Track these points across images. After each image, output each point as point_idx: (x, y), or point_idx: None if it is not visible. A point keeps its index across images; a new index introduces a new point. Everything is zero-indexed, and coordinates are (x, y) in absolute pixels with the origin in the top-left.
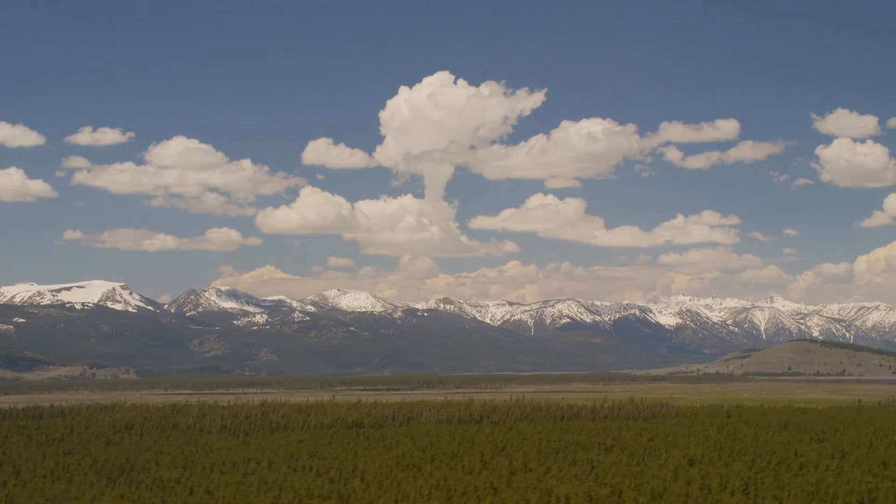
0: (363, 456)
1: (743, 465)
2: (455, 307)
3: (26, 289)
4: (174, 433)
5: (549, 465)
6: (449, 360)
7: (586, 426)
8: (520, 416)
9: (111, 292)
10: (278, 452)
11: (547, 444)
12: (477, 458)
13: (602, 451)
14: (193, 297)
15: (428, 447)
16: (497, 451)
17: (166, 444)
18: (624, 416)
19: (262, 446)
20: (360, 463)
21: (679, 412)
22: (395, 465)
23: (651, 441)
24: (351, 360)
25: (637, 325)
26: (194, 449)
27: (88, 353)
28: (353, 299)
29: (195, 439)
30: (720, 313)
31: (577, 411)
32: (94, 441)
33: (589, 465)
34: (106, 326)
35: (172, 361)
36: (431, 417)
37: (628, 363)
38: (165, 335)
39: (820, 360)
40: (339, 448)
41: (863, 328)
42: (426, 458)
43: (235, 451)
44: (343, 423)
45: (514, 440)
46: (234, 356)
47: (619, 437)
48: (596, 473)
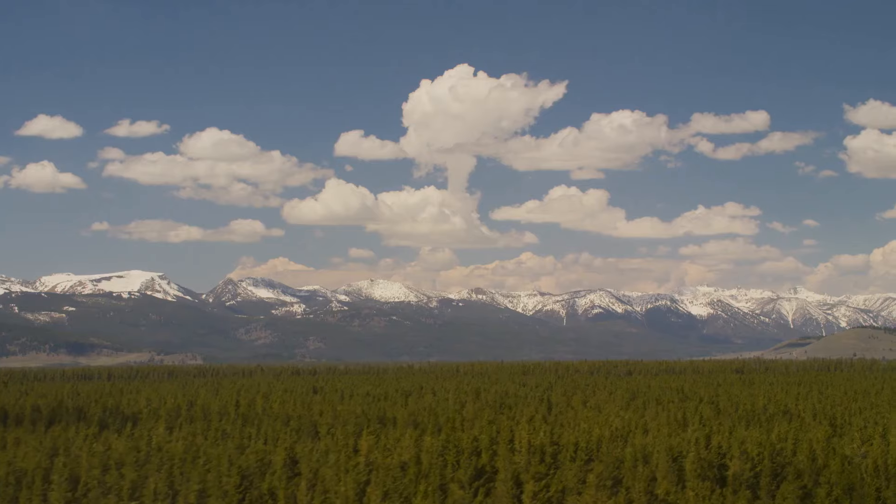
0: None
1: None
2: (487, 297)
3: (66, 279)
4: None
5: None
6: (491, 348)
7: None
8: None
9: (150, 282)
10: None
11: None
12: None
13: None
14: (231, 286)
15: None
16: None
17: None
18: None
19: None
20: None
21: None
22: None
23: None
24: (396, 349)
25: (668, 315)
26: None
27: (141, 340)
28: (385, 289)
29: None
30: (746, 304)
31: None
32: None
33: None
34: (154, 315)
35: (224, 349)
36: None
37: (664, 352)
38: (211, 324)
39: (885, 347)
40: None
41: (889, 318)
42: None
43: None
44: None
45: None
46: (282, 344)
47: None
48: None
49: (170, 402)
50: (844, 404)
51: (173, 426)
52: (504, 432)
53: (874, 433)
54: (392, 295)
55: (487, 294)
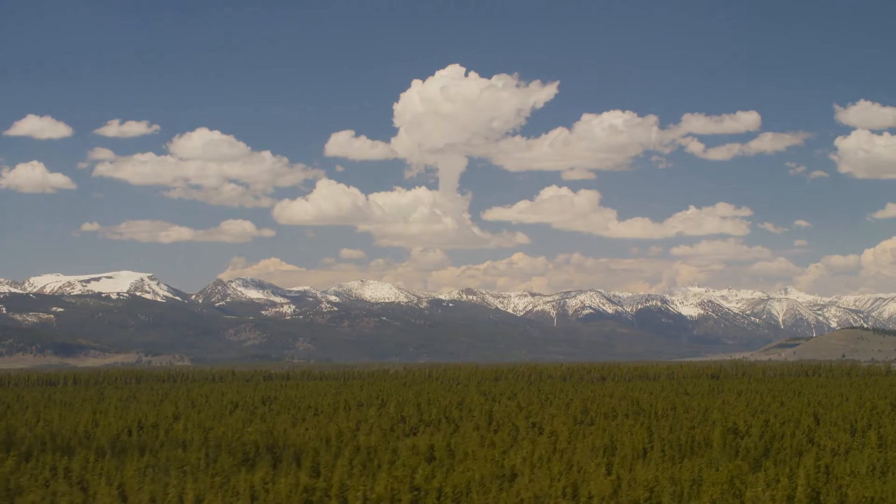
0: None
1: None
2: (478, 297)
3: (55, 279)
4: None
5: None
6: (481, 349)
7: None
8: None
9: (140, 283)
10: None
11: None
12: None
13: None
14: (221, 287)
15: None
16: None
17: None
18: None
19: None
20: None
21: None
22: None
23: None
24: (386, 350)
25: (658, 315)
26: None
27: (130, 341)
28: (375, 290)
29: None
30: (737, 304)
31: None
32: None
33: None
34: (143, 316)
35: (212, 350)
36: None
37: (656, 353)
38: (200, 324)
39: (874, 348)
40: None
41: (879, 319)
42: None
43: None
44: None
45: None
46: (271, 345)
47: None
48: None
49: (82, 425)
50: (789, 424)
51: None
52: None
53: (782, 473)
54: (382, 295)
55: (478, 295)
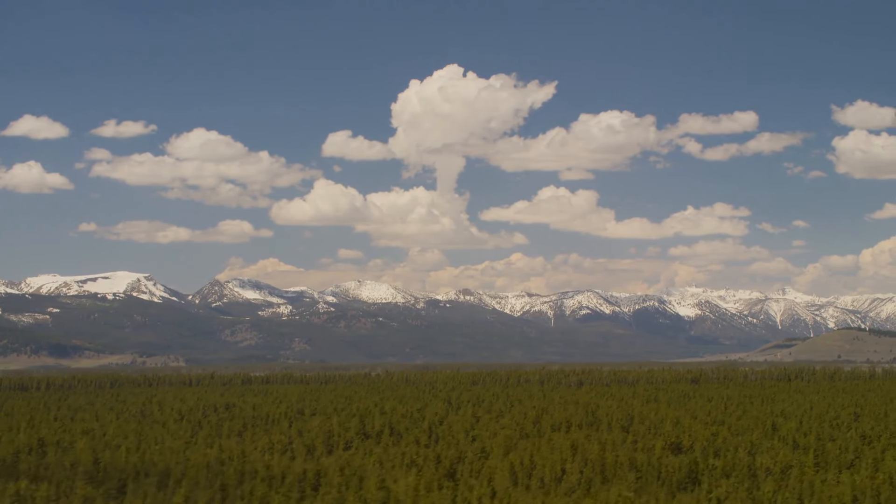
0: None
1: None
2: (475, 298)
3: (51, 280)
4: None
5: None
6: (478, 349)
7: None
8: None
9: (136, 283)
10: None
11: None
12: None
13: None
14: (217, 287)
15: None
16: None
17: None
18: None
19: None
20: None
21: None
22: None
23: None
24: (382, 350)
25: (656, 316)
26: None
27: (126, 342)
28: (373, 290)
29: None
30: (735, 304)
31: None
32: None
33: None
34: (139, 316)
35: (208, 351)
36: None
37: (653, 353)
38: (196, 325)
39: (869, 348)
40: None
41: (877, 319)
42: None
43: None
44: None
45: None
46: (267, 346)
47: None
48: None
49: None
50: (738, 437)
51: None
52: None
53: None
54: (379, 296)
55: (475, 295)
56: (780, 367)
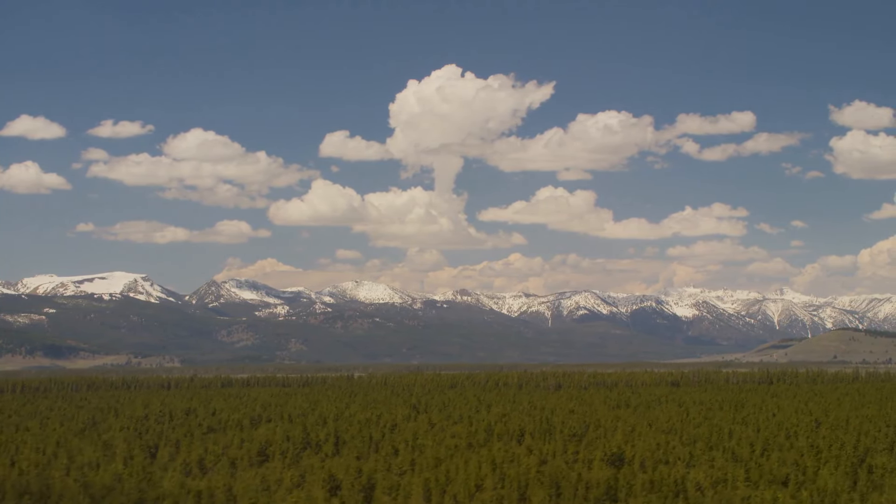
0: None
1: None
2: (472, 298)
3: (48, 280)
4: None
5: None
6: (474, 350)
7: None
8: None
9: (133, 284)
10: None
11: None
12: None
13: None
14: (214, 288)
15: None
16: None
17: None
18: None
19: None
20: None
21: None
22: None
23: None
24: (379, 350)
25: (653, 316)
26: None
27: (121, 342)
28: (370, 291)
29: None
30: (732, 305)
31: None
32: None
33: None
34: (135, 317)
35: (204, 351)
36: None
37: (650, 353)
38: (193, 325)
39: (865, 349)
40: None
41: (875, 319)
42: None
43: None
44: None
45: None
46: (263, 346)
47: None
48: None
49: None
50: (684, 448)
51: None
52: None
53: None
54: (377, 296)
55: (472, 295)
56: (765, 369)
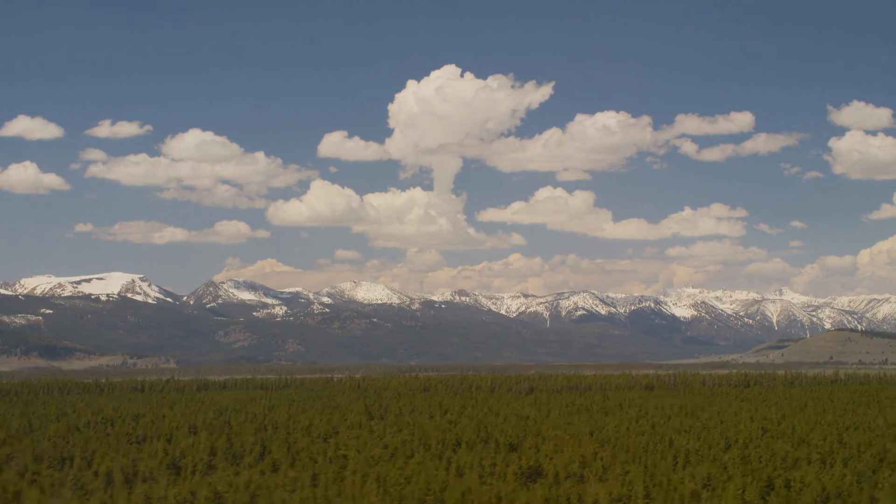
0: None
1: None
2: (470, 299)
3: (46, 280)
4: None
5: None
6: (472, 350)
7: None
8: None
9: (131, 284)
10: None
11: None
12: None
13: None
14: (212, 288)
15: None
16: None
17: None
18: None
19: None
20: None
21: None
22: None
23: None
24: (376, 351)
25: (652, 316)
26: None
27: (118, 343)
28: (368, 291)
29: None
30: (731, 305)
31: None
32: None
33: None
34: (132, 317)
35: (201, 352)
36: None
37: (648, 354)
38: (190, 326)
39: (861, 350)
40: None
41: (874, 320)
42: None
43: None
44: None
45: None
46: (261, 347)
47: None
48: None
49: None
50: (613, 461)
51: None
52: None
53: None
54: (375, 297)
55: (471, 296)
56: (757, 370)
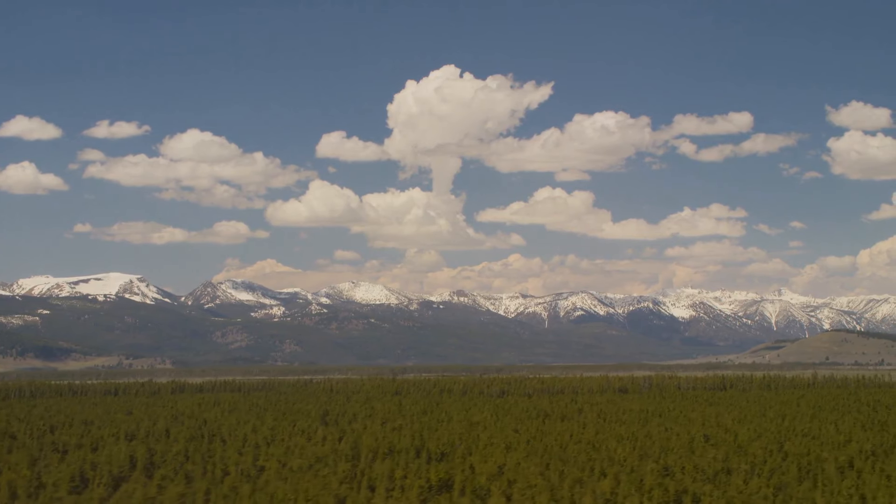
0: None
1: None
2: (469, 299)
3: (44, 281)
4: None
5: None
6: (469, 350)
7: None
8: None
9: (129, 285)
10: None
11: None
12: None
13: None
14: (210, 289)
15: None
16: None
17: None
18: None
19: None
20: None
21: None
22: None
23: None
24: (373, 352)
25: (650, 317)
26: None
27: (115, 343)
28: (367, 292)
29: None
30: (730, 306)
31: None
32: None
33: None
34: (129, 318)
35: (199, 352)
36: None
37: (646, 355)
38: (188, 327)
39: (857, 350)
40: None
41: (872, 320)
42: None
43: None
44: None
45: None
46: (258, 347)
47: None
48: None
49: None
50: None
51: None
52: None
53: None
54: (374, 297)
55: (469, 296)
56: (752, 370)
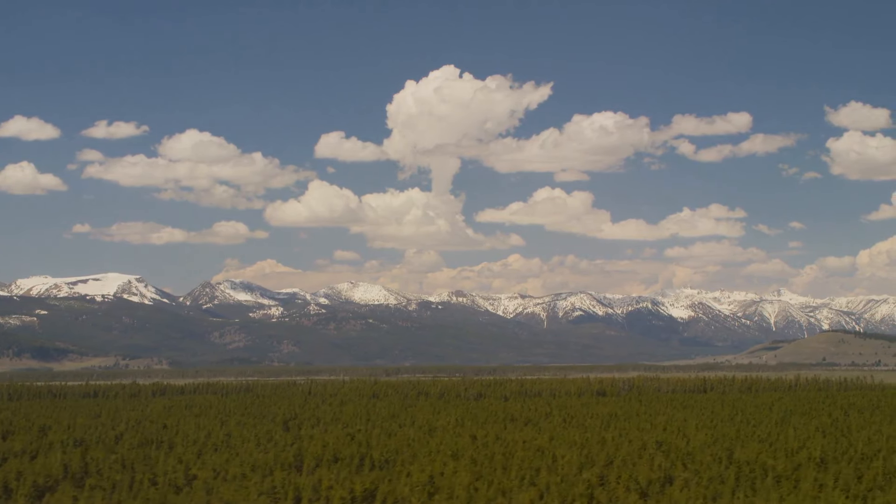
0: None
1: None
2: (468, 300)
3: (42, 281)
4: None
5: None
6: (467, 351)
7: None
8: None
9: (127, 285)
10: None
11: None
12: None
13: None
14: (209, 289)
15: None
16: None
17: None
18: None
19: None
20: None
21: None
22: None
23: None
24: (371, 352)
25: (649, 317)
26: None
27: (112, 344)
28: (366, 292)
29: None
30: (729, 306)
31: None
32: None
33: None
34: (127, 318)
35: (196, 353)
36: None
37: (645, 355)
38: (185, 327)
39: (854, 351)
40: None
41: (872, 321)
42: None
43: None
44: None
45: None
46: (256, 348)
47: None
48: None
49: None
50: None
51: None
52: None
53: None
54: (372, 297)
55: (468, 297)
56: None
